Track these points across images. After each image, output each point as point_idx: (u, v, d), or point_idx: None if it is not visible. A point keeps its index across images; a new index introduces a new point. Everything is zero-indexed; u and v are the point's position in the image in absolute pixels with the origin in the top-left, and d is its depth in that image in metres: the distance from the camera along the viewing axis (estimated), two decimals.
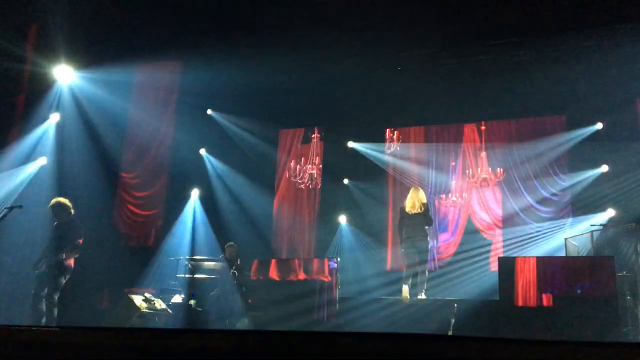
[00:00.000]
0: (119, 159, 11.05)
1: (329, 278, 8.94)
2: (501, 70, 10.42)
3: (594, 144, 10.73)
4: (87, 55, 10.24)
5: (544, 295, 7.40)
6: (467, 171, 11.60)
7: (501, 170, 11.15)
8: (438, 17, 9.50)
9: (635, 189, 10.22)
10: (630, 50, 9.54)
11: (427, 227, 8.79)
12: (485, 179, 11.29)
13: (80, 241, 7.75)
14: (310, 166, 12.22)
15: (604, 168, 10.72)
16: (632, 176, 10.31)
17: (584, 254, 8.70)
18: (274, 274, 9.36)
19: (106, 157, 10.68)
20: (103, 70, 10.16)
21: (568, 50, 9.97)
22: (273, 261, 9.67)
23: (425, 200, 8.90)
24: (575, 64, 9.95)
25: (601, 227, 8.95)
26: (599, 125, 10.80)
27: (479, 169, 11.37)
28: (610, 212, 10.33)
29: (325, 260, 9.26)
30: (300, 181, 12.09)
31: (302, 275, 9.19)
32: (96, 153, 10.43)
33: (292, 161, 12.38)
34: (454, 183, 11.98)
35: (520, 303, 7.47)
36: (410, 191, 9.03)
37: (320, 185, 12.32)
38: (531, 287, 7.50)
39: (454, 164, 12.10)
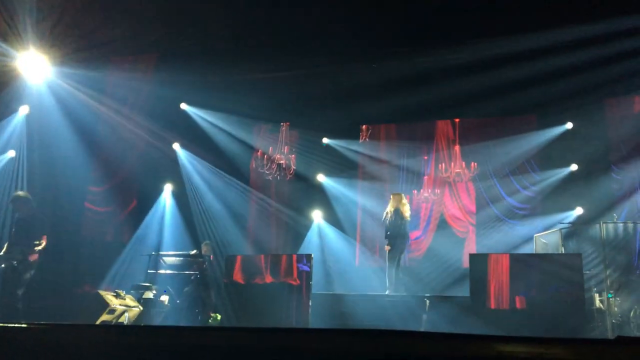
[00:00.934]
0: (89, 155, 10.85)
1: (298, 281, 8.40)
2: (473, 69, 10.52)
3: (563, 143, 10.93)
4: (59, 47, 10.03)
5: (517, 298, 7.34)
6: (440, 165, 11.48)
7: (475, 164, 11.08)
8: (412, 15, 9.53)
9: (602, 187, 10.45)
10: (600, 51, 9.73)
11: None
12: (458, 174, 11.18)
13: (45, 237, 7.58)
14: (278, 156, 11.82)
15: (573, 167, 10.93)
16: (600, 175, 10.53)
17: (553, 252, 8.86)
18: (238, 275, 8.65)
19: (76, 152, 10.47)
20: (74, 62, 9.96)
21: (539, 51, 10.11)
22: (238, 259, 8.98)
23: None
24: (546, 65, 10.10)
25: (569, 225, 9.13)
26: (569, 125, 11.01)
27: (452, 164, 11.29)
28: (578, 211, 10.54)
29: (294, 259, 8.68)
30: (268, 172, 11.73)
31: (269, 279, 8.55)
32: (65, 147, 10.22)
33: (259, 151, 11.98)
34: (426, 178, 11.92)
35: (492, 305, 7.42)
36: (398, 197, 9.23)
37: (290, 177, 11.94)
38: (504, 289, 7.42)
39: (426, 157, 12.04)
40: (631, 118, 10.48)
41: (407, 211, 9.22)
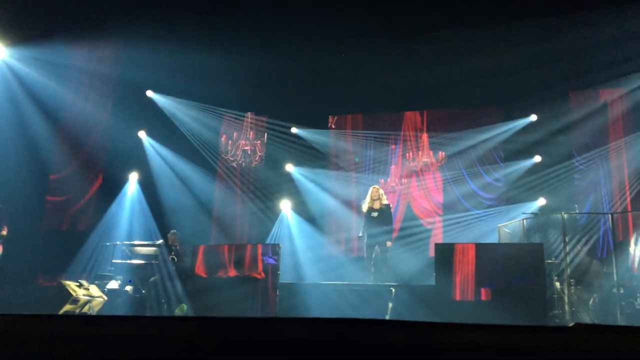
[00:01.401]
0: (50, 143, 10.59)
1: (263, 275, 8.07)
2: (441, 60, 10.63)
3: (528, 135, 11.15)
4: (18, 31, 9.73)
5: (482, 290, 7.29)
6: (407, 155, 11.35)
7: (443, 154, 11.04)
8: (381, 6, 9.56)
9: (564, 179, 10.72)
10: (565, 45, 9.94)
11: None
12: (426, 163, 11.06)
13: (5, 227, 7.39)
14: (243, 141, 11.50)
15: (537, 158, 11.16)
16: (562, 167, 10.79)
17: (516, 242, 9.02)
18: (200, 268, 8.22)
19: (37, 140, 10.21)
20: (34, 48, 9.68)
21: (506, 43, 10.25)
22: (200, 249, 8.49)
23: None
24: (512, 57, 10.26)
25: (532, 215, 9.32)
26: (534, 117, 11.23)
27: (420, 153, 11.18)
28: (541, 201, 10.78)
29: (259, 250, 8.30)
30: (232, 158, 11.41)
31: (232, 272, 8.17)
32: (26, 136, 9.96)
33: (224, 136, 11.62)
34: (393, 168, 11.86)
35: (458, 297, 7.36)
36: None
37: (256, 163, 11.63)
38: (469, 281, 7.35)
39: (393, 147, 11.97)
40: (596, 110, 10.73)
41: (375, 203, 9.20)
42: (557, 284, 7.97)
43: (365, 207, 9.18)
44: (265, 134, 11.84)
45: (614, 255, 7.97)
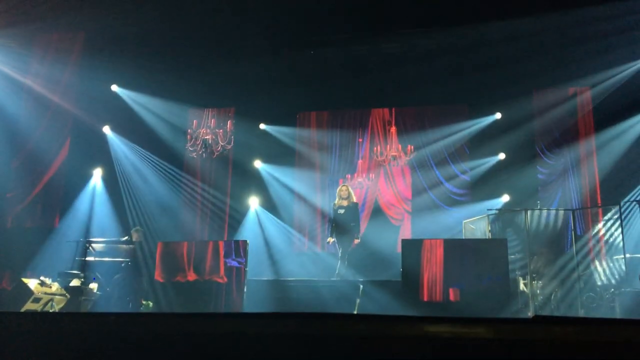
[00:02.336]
0: (10, 134, 10.32)
1: (225, 279, 7.61)
2: (407, 58, 10.73)
3: (492, 132, 11.33)
4: None
5: (450, 290, 7.11)
6: (375, 148, 11.15)
7: (411, 147, 10.86)
8: (349, 3, 9.58)
9: (527, 176, 10.93)
10: (527, 44, 10.15)
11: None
12: (394, 157, 10.85)
13: None
14: (204, 130, 10.99)
15: (501, 156, 11.35)
16: (526, 163, 11.01)
17: (480, 237, 9.16)
18: (159, 274, 7.70)
19: None
20: None
21: (469, 42, 10.40)
22: (159, 247, 8.03)
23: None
24: (475, 56, 10.42)
25: (496, 212, 9.49)
26: (498, 115, 11.42)
27: (388, 146, 10.98)
28: (505, 198, 10.98)
29: (221, 248, 7.84)
30: (191, 149, 10.97)
31: (191, 276, 7.69)
32: None
33: (189, 130, 11.19)
34: (360, 162, 11.67)
35: (425, 298, 7.19)
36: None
37: (217, 153, 11.16)
38: (437, 280, 7.15)
39: (360, 140, 11.83)
40: (562, 104, 10.93)
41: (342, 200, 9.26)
42: (520, 279, 8.14)
43: (333, 205, 9.30)
44: (229, 122, 11.55)
45: (575, 250, 8.18)
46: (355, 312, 7.66)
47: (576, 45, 9.76)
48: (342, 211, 9.12)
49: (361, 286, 8.07)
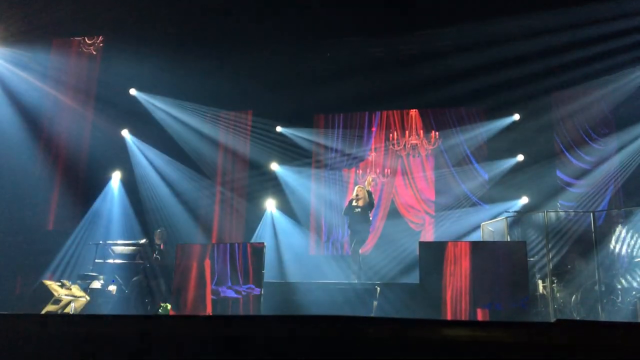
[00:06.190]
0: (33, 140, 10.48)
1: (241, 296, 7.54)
2: (425, 60, 10.65)
3: (511, 134, 11.20)
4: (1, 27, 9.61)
5: (479, 310, 6.02)
6: (390, 135, 9.64)
7: (437, 133, 9.34)
8: (366, 5, 9.57)
9: (546, 177, 10.79)
10: (547, 44, 10.02)
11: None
12: (415, 146, 9.31)
13: None
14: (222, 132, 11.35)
15: (520, 157, 11.23)
16: (544, 165, 10.87)
17: (498, 239, 9.04)
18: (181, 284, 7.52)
19: (18, 137, 10.10)
20: (19, 46, 9.58)
21: (486, 43, 10.30)
22: (177, 249, 8.02)
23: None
24: (493, 56, 10.32)
25: (515, 214, 9.38)
26: (516, 117, 11.30)
27: (407, 132, 9.35)
28: (524, 200, 10.86)
29: (239, 251, 7.73)
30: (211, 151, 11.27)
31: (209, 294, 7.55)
32: (8, 131, 9.85)
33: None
34: (373, 155, 10.42)
35: (449, 318, 6.22)
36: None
37: (240, 161, 11.36)
38: (463, 298, 6.07)
39: (374, 129, 10.62)
40: (582, 106, 10.76)
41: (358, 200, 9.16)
42: (540, 282, 8.04)
43: (351, 202, 9.19)
44: (249, 131, 11.66)
45: (596, 252, 8.05)
46: (372, 315, 7.63)
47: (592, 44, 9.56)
48: (358, 210, 9.07)
49: (378, 288, 8.02)
